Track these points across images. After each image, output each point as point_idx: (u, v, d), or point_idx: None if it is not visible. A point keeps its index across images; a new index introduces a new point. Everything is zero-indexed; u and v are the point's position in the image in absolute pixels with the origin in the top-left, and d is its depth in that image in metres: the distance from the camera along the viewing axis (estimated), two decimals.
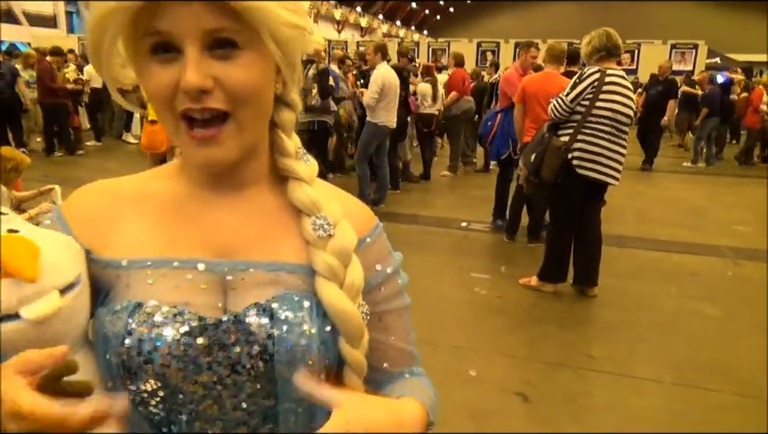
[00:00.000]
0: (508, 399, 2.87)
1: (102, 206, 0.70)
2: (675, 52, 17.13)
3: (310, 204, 0.70)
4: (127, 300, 0.64)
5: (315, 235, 0.69)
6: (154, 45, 0.60)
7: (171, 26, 0.58)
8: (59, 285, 0.58)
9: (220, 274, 0.67)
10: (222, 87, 0.60)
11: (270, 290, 0.67)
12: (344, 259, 0.69)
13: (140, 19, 0.58)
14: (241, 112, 0.62)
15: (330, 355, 0.68)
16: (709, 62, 18.38)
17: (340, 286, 0.68)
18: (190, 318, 0.63)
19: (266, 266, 0.68)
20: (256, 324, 0.64)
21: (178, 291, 0.65)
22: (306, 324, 0.65)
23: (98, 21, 0.59)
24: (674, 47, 17.24)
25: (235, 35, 0.60)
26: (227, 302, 0.66)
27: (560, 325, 3.73)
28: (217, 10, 0.58)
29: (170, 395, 0.64)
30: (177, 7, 0.57)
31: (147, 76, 0.61)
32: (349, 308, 0.67)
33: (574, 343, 3.51)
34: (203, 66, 0.59)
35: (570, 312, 3.96)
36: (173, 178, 0.73)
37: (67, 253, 0.61)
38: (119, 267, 0.66)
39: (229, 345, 0.64)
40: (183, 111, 0.61)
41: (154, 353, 0.61)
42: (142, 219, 0.69)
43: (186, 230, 0.69)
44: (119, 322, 0.62)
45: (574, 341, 3.54)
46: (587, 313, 4.00)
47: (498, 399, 2.86)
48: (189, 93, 0.59)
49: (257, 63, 0.62)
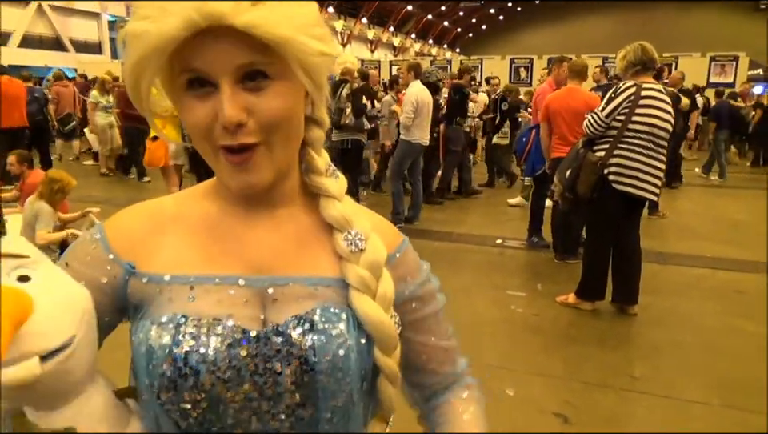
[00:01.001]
0: (547, 420, 2.80)
1: (143, 225, 0.73)
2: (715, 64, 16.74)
3: (342, 220, 0.73)
4: (172, 313, 0.65)
5: (348, 250, 0.72)
6: (189, 80, 0.63)
7: (206, 64, 0.61)
8: (41, 351, 0.54)
9: (261, 288, 0.69)
10: (256, 118, 0.63)
11: (308, 303, 0.69)
12: (375, 272, 0.72)
13: (175, 58, 0.61)
14: (273, 138, 0.65)
15: (366, 365, 0.70)
16: (751, 74, 17.88)
17: (373, 298, 0.71)
18: (233, 330, 0.65)
19: (304, 280, 0.71)
20: (297, 336, 0.66)
21: (221, 306, 0.67)
22: (344, 335, 0.67)
23: (137, 62, 0.61)
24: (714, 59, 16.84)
25: (266, 67, 0.62)
26: (267, 315, 0.68)
27: (600, 344, 3.64)
28: (248, 46, 0.60)
29: (211, 407, 0.65)
30: (210, 45, 0.60)
31: (185, 110, 0.65)
32: (383, 318, 0.70)
33: (614, 363, 3.41)
34: (238, 100, 0.62)
35: (610, 331, 3.86)
36: (209, 198, 0.75)
37: (65, 313, 0.58)
38: (161, 281, 0.68)
39: (271, 356, 0.65)
40: (221, 146, 0.64)
41: (200, 365, 0.63)
42: (181, 237, 0.72)
43: (224, 248, 0.72)
44: (165, 334, 0.64)
45: (615, 361, 3.44)
46: (628, 332, 3.89)
47: (536, 420, 2.79)
48: (228, 127, 0.62)
49: (287, 91, 0.65)
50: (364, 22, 43.24)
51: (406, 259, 0.80)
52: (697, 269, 5.13)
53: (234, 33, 0.59)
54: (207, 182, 0.77)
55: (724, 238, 6.23)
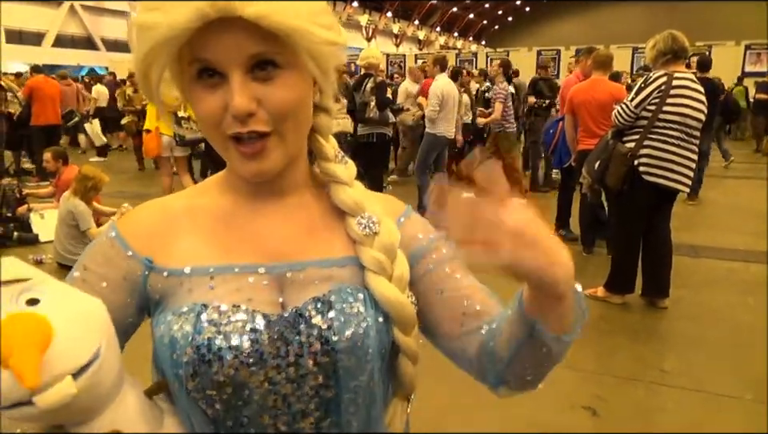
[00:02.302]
0: (577, 413, 2.78)
1: (157, 220, 0.74)
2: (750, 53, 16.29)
3: (354, 205, 0.74)
4: (192, 302, 0.67)
5: (362, 234, 0.73)
6: (199, 71, 0.64)
7: (215, 54, 0.62)
8: (72, 369, 0.54)
9: (279, 274, 0.71)
10: (266, 107, 0.64)
11: (325, 285, 0.71)
12: (390, 254, 0.73)
13: (185, 48, 0.62)
14: (283, 127, 0.66)
15: (385, 343, 0.71)
16: None
17: (389, 279, 0.72)
18: (253, 315, 0.66)
19: (320, 263, 0.72)
20: (316, 317, 0.67)
21: (240, 293, 0.68)
22: (362, 314, 0.69)
23: (147, 53, 0.62)
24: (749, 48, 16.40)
25: (275, 56, 0.63)
26: (286, 299, 0.70)
27: (630, 338, 3.60)
28: (257, 36, 0.61)
29: (235, 392, 0.66)
30: (220, 36, 0.61)
31: (195, 100, 0.66)
32: (401, 298, 0.71)
33: (645, 356, 3.38)
34: (247, 90, 0.63)
35: (640, 324, 3.81)
36: (219, 191, 0.77)
37: (85, 328, 0.57)
38: (182, 274, 0.69)
39: (292, 338, 0.67)
40: (231, 135, 0.65)
41: (222, 350, 0.64)
42: (196, 231, 0.73)
43: (240, 238, 0.73)
44: (187, 323, 0.65)
45: (646, 354, 3.40)
46: (659, 325, 3.84)
47: (566, 414, 2.78)
48: (237, 116, 0.63)
49: (296, 80, 0.66)
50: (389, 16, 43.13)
51: (411, 220, 0.81)
52: (728, 262, 5.02)
53: (244, 23, 0.59)
54: (218, 175, 0.79)
55: (753, 229, 6.07)
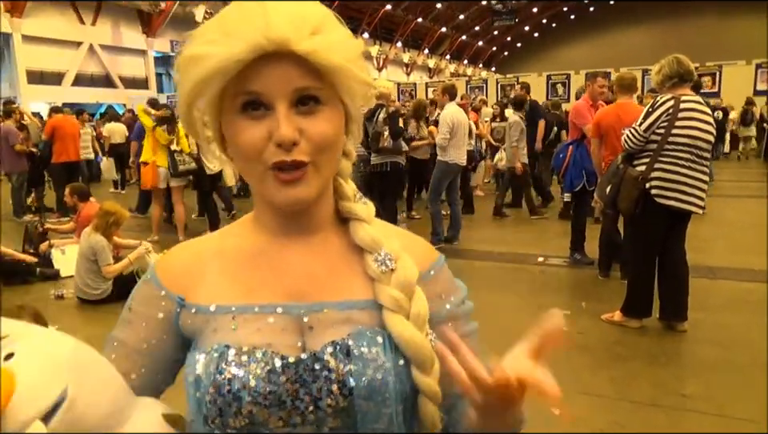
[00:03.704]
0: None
1: (188, 260, 0.78)
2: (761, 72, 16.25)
3: (371, 242, 0.75)
4: (217, 343, 0.69)
5: (378, 271, 0.74)
6: (244, 103, 0.66)
7: (263, 87, 0.65)
8: (39, 413, 0.57)
9: (297, 316, 0.72)
10: (307, 139, 0.67)
11: (344, 328, 0.71)
12: (407, 291, 0.73)
13: (231, 81, 0.65)
14: (320, 158, 0.69)
15: (405, 387, 0.71)
16: None
17: (406, 317, 0.71)
18: (273, 358, 0.68)
19: (339, 305, 0.73)
20: (334, 361, 0.68)
21: (261, 334, 0.70)
22: (381, 358, 0.69)
23: (197, 83, 0.65)
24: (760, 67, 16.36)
25: (318, 92, 0.67)
26: (306, 341, 0.71)
27: (649, 362, 3.56)
28: (303, 71, 0.65)
29: (255, 431, 0.67)
30: (270, 69, 0.64)
31: (238, 131, 0.67)
32: (418, 338, 0.71)
33: (665, 381, 3.33)
34: (292, 121, 0.66)
35: (658, 349, 3.76)
36: (246, 232, 0.80)
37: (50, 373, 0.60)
38: (207, 312, 0.73)
39: (309, 382, 0.68)
40: (274, 163, 0.67)
41: (242, 391, 0.66)
42: (223, 269, 0.76)
43: (263, 277, 0.75)
44: (210, 363, 0.67)
45: (665, 379, 3.36)
46: (678, 349, 3.79)
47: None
48: (283, 145, 0.66)
49: (334, 116, 0.69)
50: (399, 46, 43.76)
51: (441, 277, 0.81)
52: (747, 283, 4.96)
53: (293, 58, 0.63)
54: (247, 216, 0.82)
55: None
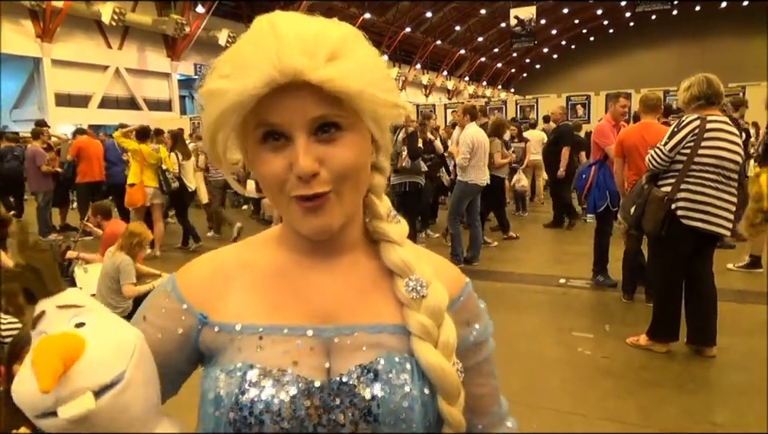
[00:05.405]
0: None
1: (212, 275, 0.76)
2: None
3: (403, 266, 0.73)
4: (241, 362, 0.67)
5: (409, 297, 0.72)
6: (264, 134, 0.66)
7: (281, 118, 0.64)
8: (93, 386, 0.59)
9: (327, 338, 0.70)
10: (328, 167, 0.65)
11: (372, 352, 0.69)
12: (437, 319, 0.71)
13: (250, 113, 0.64)
14: (343, 186, 0.67)
15: (430, 416, 0.69)
16: None
17: (435, 345, 0.70)
18: (298, 380, 0.66)
19: (369, 328, 0.71)
20: (361, 386, 0.67)
21: (287, 356, 0.68)
22: (407, 386, 0.67)
23: (217, 118, 0.65)
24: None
25: (338, 119, 0.65)
26: (333, 364, 0.69)
27: (676, 389, 3.45)
28: (321, 99, 0.63)
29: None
30: (286, 100, 0.63)
31: (260, 163, 0.67)
32: (446, 367, 0.70)
33: (693, 408, 3.22)
34: (312, 151, 0.64)
35: (686, 374, 3.65)
36: (273, 247, 0.78)
37: (115, 352, 0.62)
38: (232, 331, 0.70)
39: (334, 407, 0.66)
40: (295, 195, 0.66)
41: (264, 414, 0.64)
42: (249, 286, 0.74)
43: (291, 296, 0.73)
44: (233, 382, 0.66)
45: (694, 406, 3.25)
46: (707, 375, 3.67)
47: None
48: (303, 177, 0.64)
49: (357, 142, 0.67)
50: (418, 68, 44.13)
51: (469, 303, 0.80)
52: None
53: (309, 87, 0.62)
54: (271, 230, 0.80)
55: None
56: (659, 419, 3.11)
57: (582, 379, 3.70)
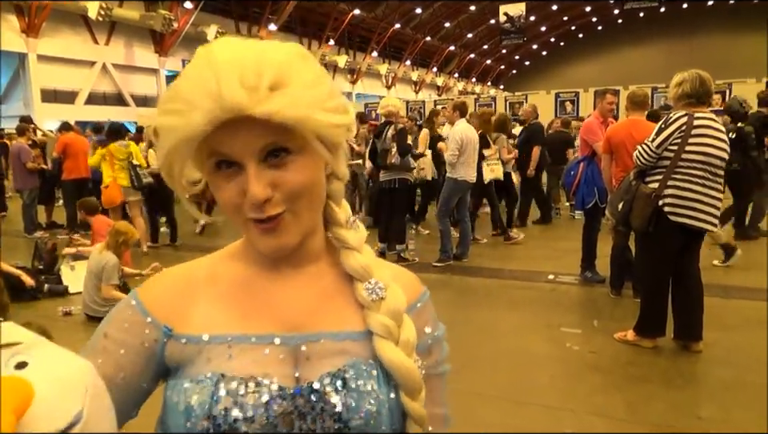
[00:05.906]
0: None
1: (177, 288, 0.76)
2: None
3: (362, 271, 0.76)
4: (211, 372, 0.68)
5: (369, 299, 0.75)
6: (217, 163, 0.68)
7: (230, 149, 0.66)
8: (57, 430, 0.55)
9: (295, 346, 0.72)
10: (281, 190, 0.67)
11: (339, 359, 0.72)
12: (397, 319, 0.74)
13: (203, 144, 0.66)
14: (297, 206, 0.69)
15: (397, 419, 0.72)
16: None
17: (396, 343, 0.73)
18: (269, 388, 0.68)
19: (334, 336, 0.74)
20: (330, 392, 0.69)
21: (257, 364, 0.70)
22: (375, 392, 0.70)
23: (169, 151, 0.67)
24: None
25: (287, 143, 0.66)
26: (301, 372, 0.71)
27: (664, 384, 3.48)
28: (268, 128, 0.64)
29: None
30: (233, 133, 0.64)
31: (216, 189, 0.69)
32: (407, 363, 0.73)
33: (680, 403, 3.25)
34: (262, 177, 0.66)
35: (673, 369, 3.68)
36: (239, 259, 0.79)
37: (68, 391, 0.58)
38: (200, 342, 0.71)
39: (306, 414, 0.68)
40: (251, 218, 0.68)
41: (238, 422, 0.65)
42: (215, 298, 0.75)
43: (258, 307, 0.75)
44: (204, 392, 0.66)
45: (681, 401, 3.27)
46: (693, 370, 3.70)
47: None
48: (255, 204, 0.66)
49: (308, 163, 0.69)
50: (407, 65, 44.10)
51: (426, 309, 0.82)
52: (761, 302, 4.86)
53: (255, 119, 0.63)
54: (236, 243, 0.81)
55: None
56: (647, 414, 3.13)
57: (570, 375, 3.72)
